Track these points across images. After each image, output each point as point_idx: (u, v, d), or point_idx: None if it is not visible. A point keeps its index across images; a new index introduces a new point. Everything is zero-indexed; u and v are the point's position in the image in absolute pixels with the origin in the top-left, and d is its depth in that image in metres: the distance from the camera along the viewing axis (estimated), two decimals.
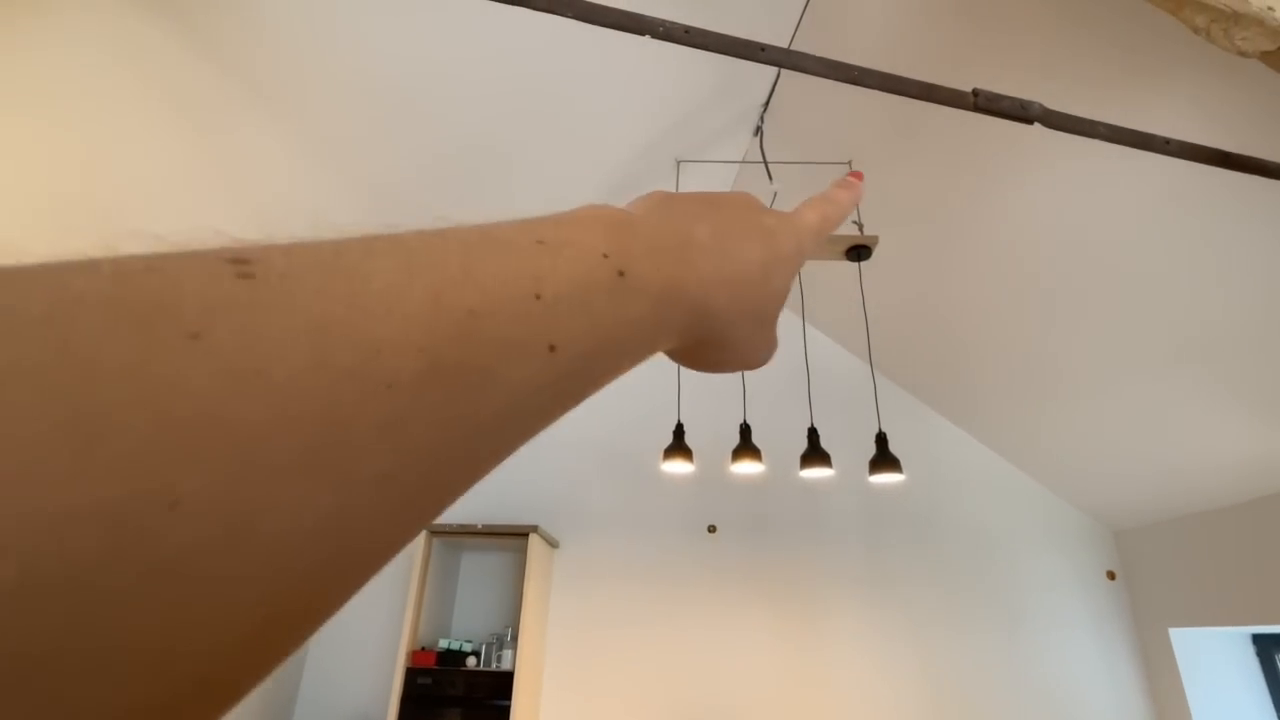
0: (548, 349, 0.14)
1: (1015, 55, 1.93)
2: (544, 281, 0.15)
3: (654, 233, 0.19)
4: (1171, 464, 2.85)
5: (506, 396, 0.14)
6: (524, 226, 0.16)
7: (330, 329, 0.11)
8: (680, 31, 0.96)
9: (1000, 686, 3.16)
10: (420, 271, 0.13)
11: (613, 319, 0.17)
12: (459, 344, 0.13)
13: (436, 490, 0.13)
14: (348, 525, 0.11)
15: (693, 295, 0.19)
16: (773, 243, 0.23)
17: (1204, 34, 1.33)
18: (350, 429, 0.11)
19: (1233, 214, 1.91)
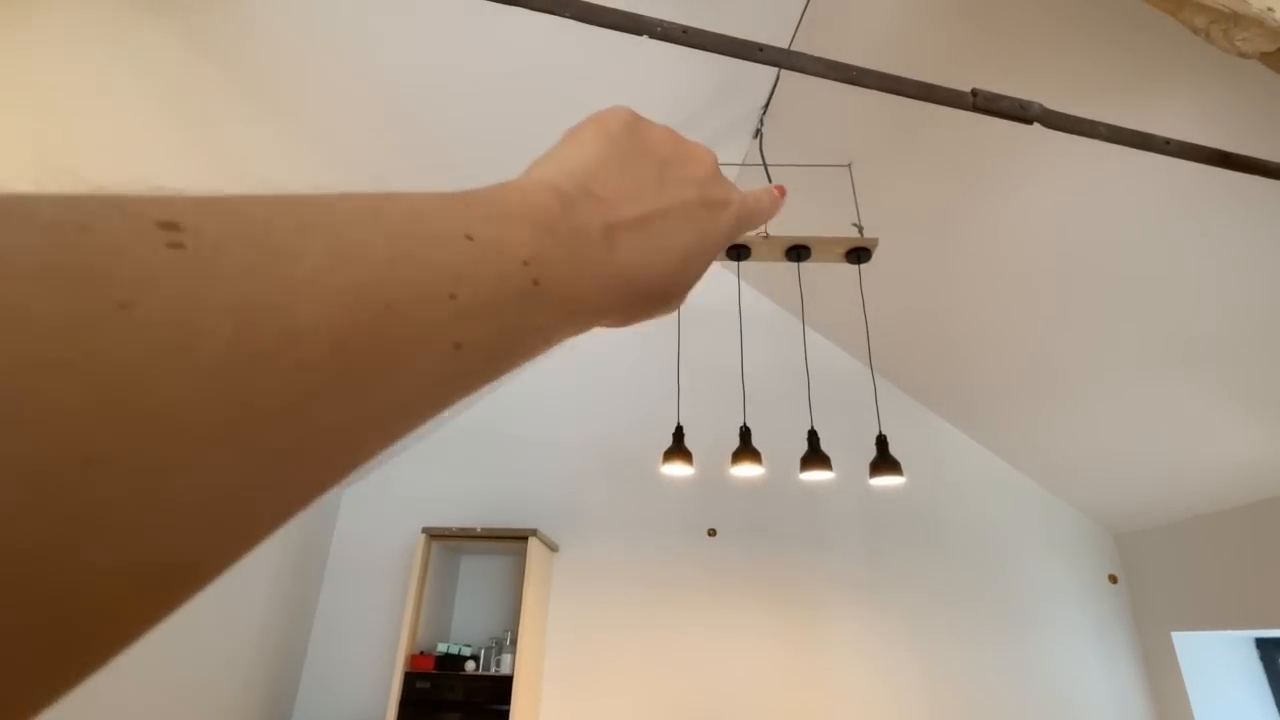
0: (453, 346, 0.15)
1: (1015, 57, 1.93)
2: (462, 282, 0.15)
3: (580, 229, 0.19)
4: (1173, 467, 2.84)
5: (408, 387, 0.14)
6: (458, 211, 0.16)
7: (255, 310, 0.11)
8: (678, 31, 0.95)
9: (1001, 691, 3.14)
10: (347, 258, 0.13)
11: (520, 324, 0.17)
12: (372, 335, 0.13)
13: (332, 465, 0.13)
14: (248, 492, 0.11)
15: (599, 301, 0.20)
16: (709, 226, 0.23)
17: (1203, 35, 1.33)
18: (262, 406, 0.11)
19: (1234, 215, 1.91)
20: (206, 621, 2.65)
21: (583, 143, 0.22)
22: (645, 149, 0.23)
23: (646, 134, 0.23)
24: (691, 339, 3.37)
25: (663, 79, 2.43)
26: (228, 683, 2.78)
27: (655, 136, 0.23)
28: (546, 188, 0.19)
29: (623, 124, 0.23)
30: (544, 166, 0.21)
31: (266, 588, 3.02)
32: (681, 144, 0.24)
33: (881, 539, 3.44)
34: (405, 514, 3.49)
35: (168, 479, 0.10)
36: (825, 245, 2.48)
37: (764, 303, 3.92)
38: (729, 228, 0.24)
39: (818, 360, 3.44)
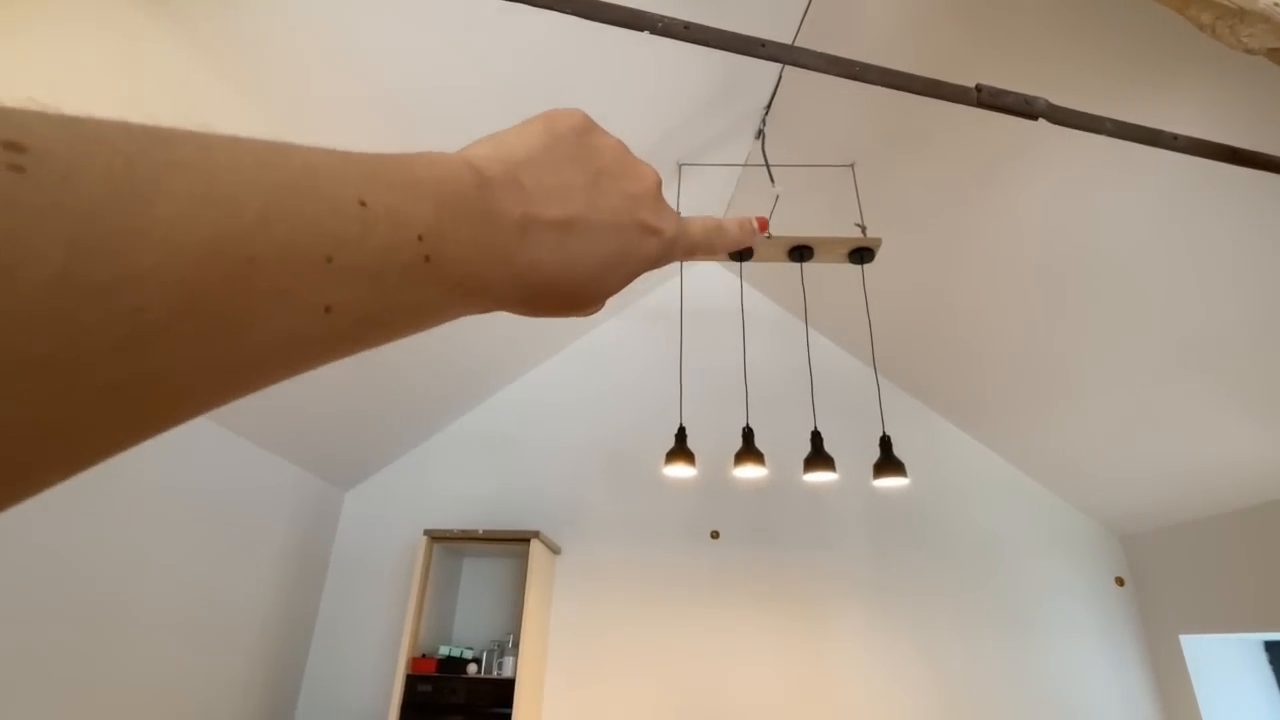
0: (323, 309, 0.14)
1: (1020, 54, 1.92)
2: (343, 248, 0.14)
3: (491, 212, 0.19)
4: (1180, 468, 2.81)
5: (264, 343, 0.14)
6: (359, 174, 0.16)
7: (93, 245, 0.11)
8: (680, 27, 0.95)
9: (1007, 694, 3.12)
10: (213, 207, 0.12)
11: (402, 296, 0.16)
12: (227, 287, 0.12)
13: (168, 408, 0.13)
14: (65, 426, 0.11)
15: (494, 288, 0.20)
16: (634, 245, 0.23)
17: (1210, 31, 1.32)
18: (88, 341, 0.11)
19: (1243, 214, 1.89)
20: (208, 622, 2.65)
21: (527, 133, 0.22)
22: (586, 155, 0.23)
23: (593, 141, 0.23)
24: (694, 340, 3.36)
25: (665, 79, 2.42)
26: (230, 685, 2.77)
27: (601, 145, 0.23)
28: (466, 166, 0.19)
29: (571, 125, 0.23)
30: (481, 146, 0.21)
31: (268, 590, 3.01)
32: (627, 159, 0.24)
33: (886, 541, 3.42)
34: (407, 516, 3.48)
35: None
36: (828, 245, 2.47)
37: (767, 303, 3.91)
38: (655, 252, 0.24)
39: (821, 361, 3.42)
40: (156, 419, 0.13)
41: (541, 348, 3.79)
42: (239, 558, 2.84)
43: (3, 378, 0.10)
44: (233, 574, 2.80)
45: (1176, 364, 2.42)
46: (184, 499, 2.54)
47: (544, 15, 1.06)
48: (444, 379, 3.40)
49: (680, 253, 0.26)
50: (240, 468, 2.84)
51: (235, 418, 2.72)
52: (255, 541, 2.94)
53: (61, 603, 2.04)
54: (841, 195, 2.77)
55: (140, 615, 2.32)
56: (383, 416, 3.31)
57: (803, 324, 3.54)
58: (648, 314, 3.91)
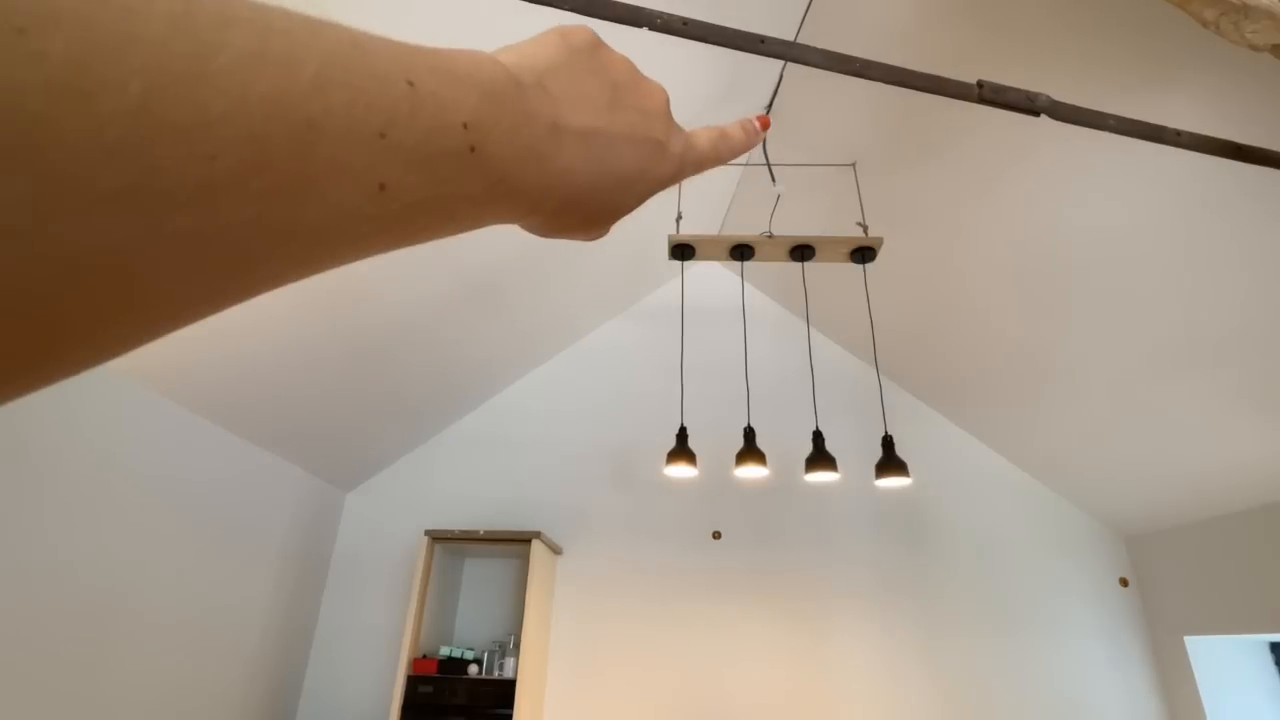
0: (378, 186, 0.14)
1: (1022, 52, 1.91)
2: (394, 125, 0.15)
3: (527, 113, 0.19)
4: (1185, 468, 2.80)
5: (325, 213, 0.14)
6: (403, 57, 0.16)
7: (167, 81, 0.11)
8: (678, 23, 0.94)
9: (1011, 696, 3.10)
10: (272, 64, 0.12)
11: (449, 186, 0.16)
12: (290, 147, 0.12)
13: (235, 272, 0.13)
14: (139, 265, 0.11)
15: (532, 190, 0.19)
16: (650, 161, 0.24)
17: (1213, 27, 1.31)
18: (166, 180, 0.11)
19: (1247, 211, 1.88)
20: (208, 623, 2.65)
21: (545, 44, 0.22)
22: (603, 69, 0.23)
23: (606, 56, 0.23)
24: (695, 340, 3.36)
25: (665, 77, 2.40)
26: (230, 685, 2.77)
27: (614, 61, 0.24)
28: (501, 65, 0.19)
29: (585, 40, 0.23)
30: (505, 54, 0.21)
31: (269, 590, 3.01)
32: (638, 76, 0.24)
33: (888, 542, 3.40)
34: (408, 516, 3.48)
35: (54, 223, 0.10)
36: (830, 245, 2.47)
37: (768, 303, 3.90)
38: (669, 169, 0.25)
39: (822, 361, 3.42)
40: (222, 283, 0.13)
41: (543, 348, 3.78)
42: (240, 558, 2.84)
43: (86, 208, 0.10)
44: (233, 574, 2.80)
45: (1182, 364, 2.41)
46: (184, 499, 2.54)
47: (542, 12, 1.05)
48: (445, 379, 3.40)
49: (691, 168, 0.26)
50: (241, 468, 2.84)
51: (236, 418, 2.72)
52: (256, 542, 2.94)
53: (60, 604, 2.04)
54: (843, 195, 2.76)
55: (140, 616, 2.32)
56: (384, 417, 3.31)
57: (804, 323, 3.54)
58: (648, 314, 3.90)
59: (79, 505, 2.11)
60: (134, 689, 2.29)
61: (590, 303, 3.70)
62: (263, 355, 2.48)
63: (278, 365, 2.57)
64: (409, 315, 2.79)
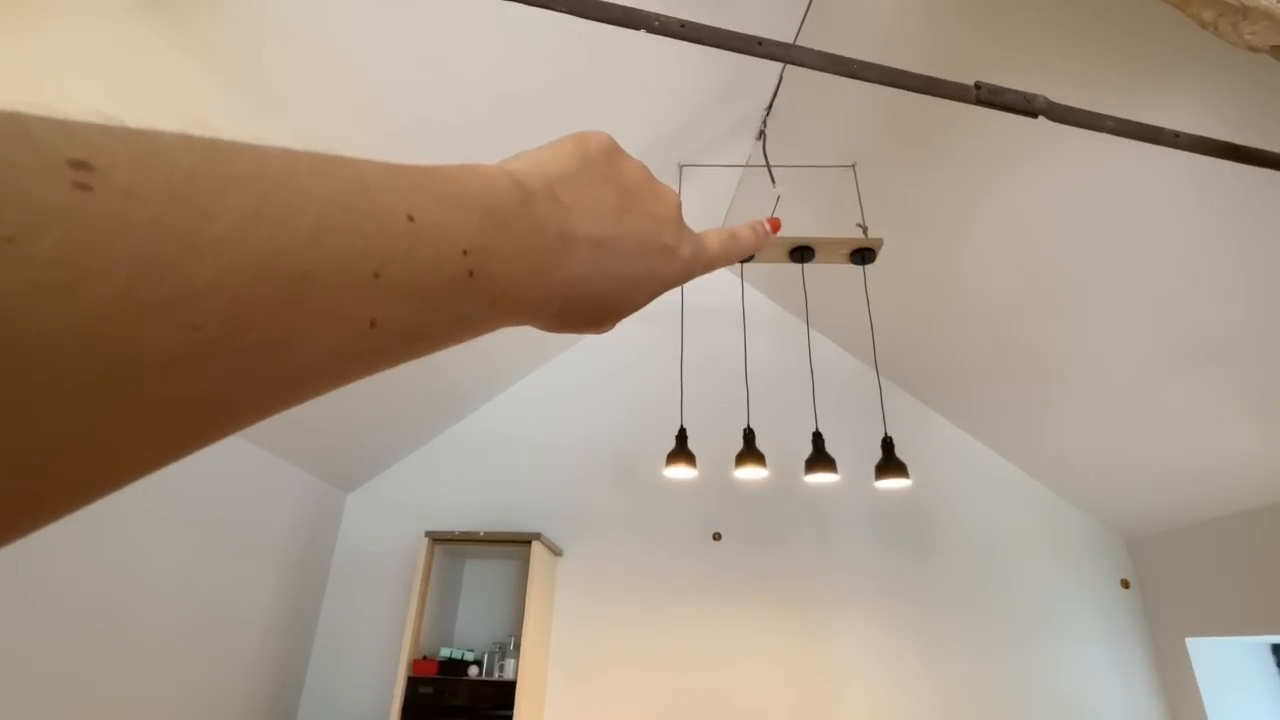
0: (368, 324, 0.14)
1: (1020, 54, 1.91)
2: (391, 265, 0.14)
3: (535, 226, 0.19)
4: (1187, 469, 2.79)
5: (312, 357, 0.14)
6: (407, 190, 0.16)
7: (153, 263, 0.11)
8: (676, 25, 0.94)
9: (1012, 698, 3.10)
10: (268, 222, 0.12)
11: (445, 311, 0.17)
12: (280, 303, 0.12)
13: (212, 425, 0.13)
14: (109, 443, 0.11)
15: (535, 302, 0.20)
16: (659, 265, 0.24)
17: (1212, 28, 1.31)
18: (144, 358, 0.11)
19: (1248, 211, 1.88)
20: (209, 624, 2.65)
21: (560, 151, 0.22)
22: (617, 175, 0.23)
23: (621, 163, 0.24)
24: (695, 341, 3.36)
25: (665, 80, 2.42)
26: (231, 687, 2.77)
27: (628, 167, 0.24)
28: (510, 179, 0.19)
29: (600, 147, 0.23)
30: (519, 160, 0.21)
31: (270, 591, 3.02)
32: (651, 182, 0.25)
33: (889, 543, 3.40)
34: (408, 517, 3.48)
35: (22, 416, 0.10)
36: (829, 246, 2.47)
37: (767, 304, 3.90)
38: (678, 272, 0.25)
39: (822, 362, 3.42)
40: (198, 437, 0.13)
41: (543, 350, 3.78)
42: (240, 560, 2.84)
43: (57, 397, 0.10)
44: (234, 576, 2.80)
45: (1182, 365, 2.41)
46: (184, 501, 2.54)
47: (543, 15, 1.06)
48: (446, 381, 3.40)
49: (700, 269, 0.27)
50: (241, 470, 2.85)
51: None
52: (257, 543, 2.94)
53: (60, 607, 2.04)
54: (843, 196, 2.76)
55: (141, 617, 2.33)
56: (384, 419, 3.31)
57: (804, 324, 3.54)
58: (648, 315, 3.90)
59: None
60: (134, 690, 2.29)
61: None
62: None
63: None
64: None
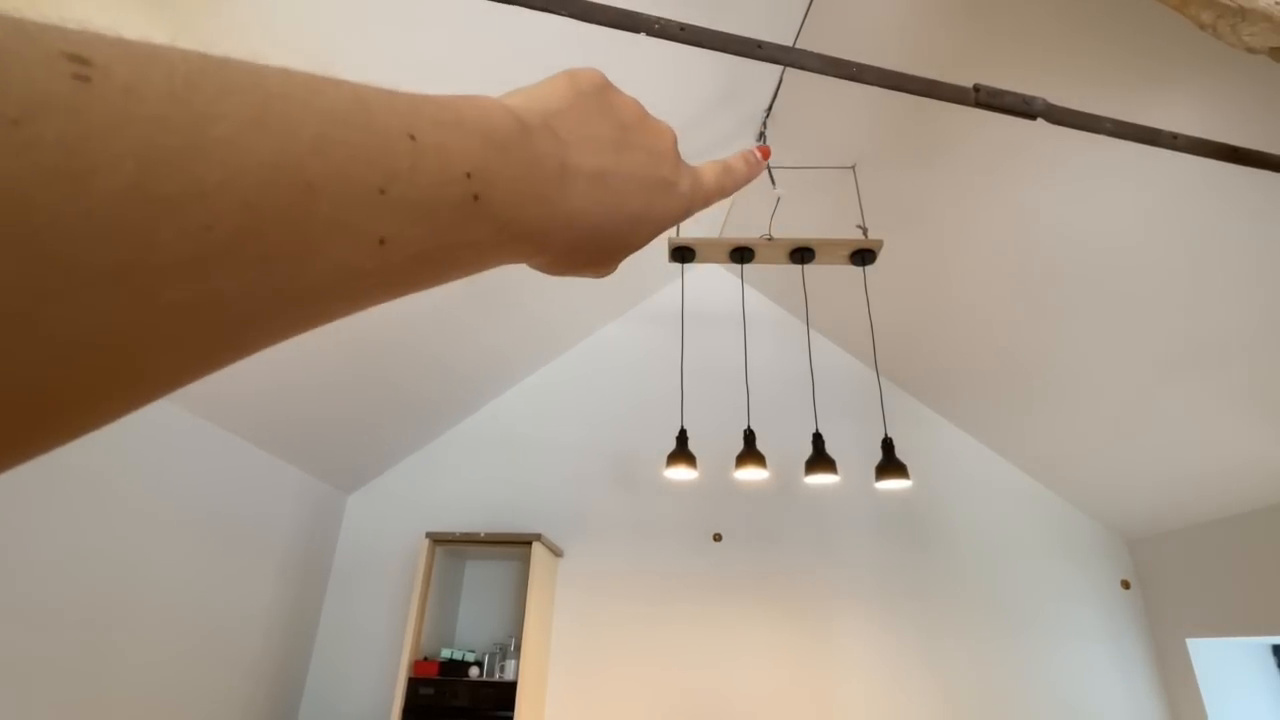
0: (378, 241, 0.14)
1: (1019, 56, 1.92)
2: (395, 180, 0.15)
3: (535, 157, 0.19)
4: (1187, 470, 2.80)
5: (323, 272, 0.14)
6: (406, 110, 0.16)
7: (161, 157, 0.11)
8: (675, 29, 0.95)
9: (1012, 698, 3.10)
10: (269, 129, 0.12)
11: (452, 235, 0.17)
12: (287, 211, 0.12)
13: (231, 336, 0.13)
14: (133, 340, 0.11)
15: (540, 233, 0.20)
16: (659, 199, 0.24)
17: (1211, 30, 1.31)
18: (159, 254, 0.11)
19: (1249, 212, 1.88)
20: (210, 625, 2.66)
21: (555, 87, 0.22)
22: (611, 110, 0.23)
23: (615, 98, 0.24)
24: (695, 342, 3.36)
25: (665, 83, 2.42)
26: (232, 687, 2.77)
27: (622, 102, 0.24)
28: (508, 111, 0.19)
29: (593, 82, 0.23)
30: (514, 97, 0.21)
31: (271, 592, 3.02)
32: (646, 117, 0.25)
33: (889, 544, 3.40)
34: (409, 519, 3.48)
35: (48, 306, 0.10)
36: (829, 247, 2.47)
37: (768, 305, 3.91)
38: (678, 207, 0.25)
39: (822, 363, 3.42)
40: (218, 348, 0.13)
41: (543, 350, 3.79)
42: (241, 561, 2.84)
43: (76, 286, 0.10)
44: (235, 577, 2.80)
45: (1182, 365, 2.41)
46: (186, 501, 2.54)
47: (542, 18, 1.06)
48: (446, 382, 3.40)
49: (699, 203, 0.27)
50: (242, 471, 2.85)
51: (237, 420, 2.73)
52: (257, 544, 2.94)
53: (61, 606, 2.05)
54: (843, 197, 2.77)
55: (141, 618, 2.33)
56: (385, 419, 3.31)
57: (804, 326, 3.54)
58: (649, 316, 3.91)
59: (80, 507, 2.12)
60: (135, 691, 2.29)
61: (591, 306, 3.71)
62: (264, 357, 2.48)
63: (279, 367, 2.58)
64: (411, 317, 2.80)
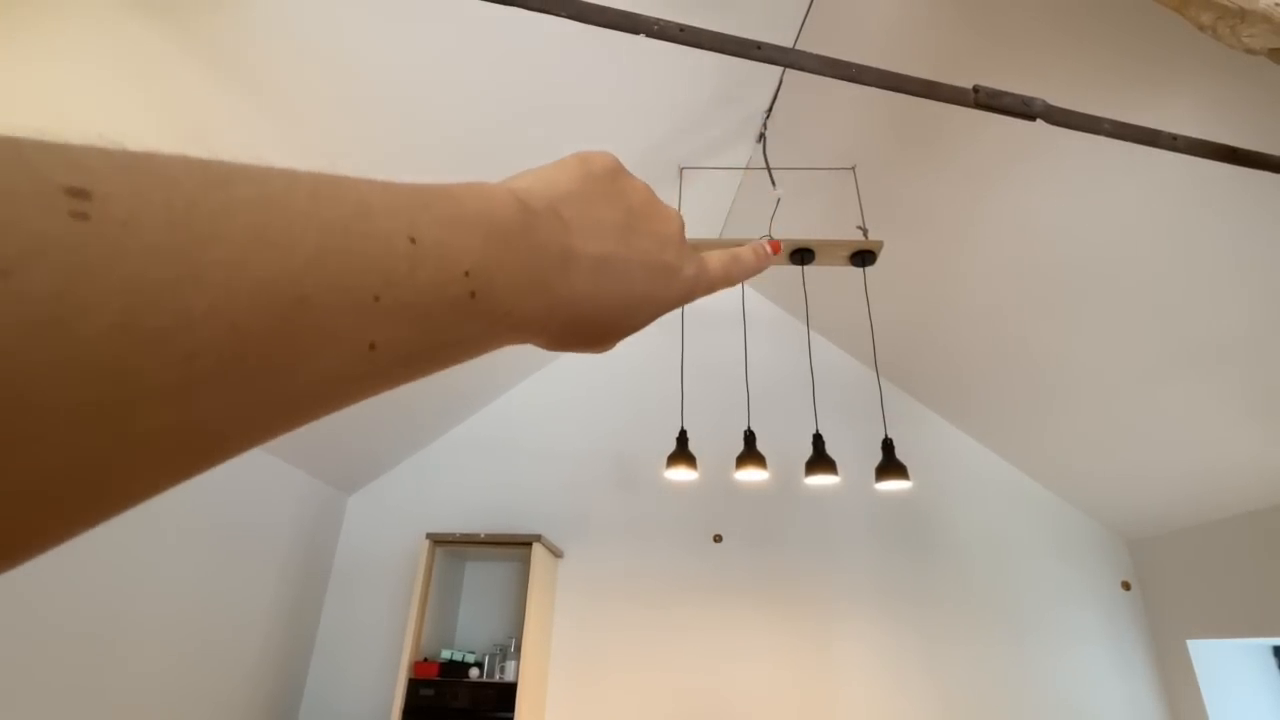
0: (368, 347, 0.14)
1: (1019, 58, 1.92)
2: (392, 287, 0.14)
3: (538, 244, 0.19)
4: (1188, 471, 2.79)
5: (309, 383, 0.13)
6: (408, 210, 0.15)
7: (150, 292, 0.10)
8: (675, 30, 0.95)
9: (1013, 700, 3.09)
10: (269, 245, 0.12)
11: (447, 333, 0.16)
12: (278, 328, 0.12)
13: (209, 451, 0.13)
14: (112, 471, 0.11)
15: (538, 321, 0.19)
16: (662, 285, 0.24)
17: (1210, 32, 1.31)
18: (140, 388, 0.11)
19: (1247, 213, 1.88)
20: (210, 626, 2.65)
21: (564, 170, 0.22)
22: (620, 194, 0.23)
23: (625, 182, 0.24)
24: (695, 343, 3.36)
25: (665, 83, 2.43)
26: (232, 688, 2.77)
27: (632, 187, 0.24)
28: (513, 198, 0.19)
29: (605, 166, 0.23)
30: (522, 179, 0.21)
31: (271, 593, 3.02)
32: (655, 202, 0.25)
33: (890, 545, 3.40)
34: (409, 520, 3.48)
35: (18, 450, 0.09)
36: (830, 248, 2.47)
37: (768, 306, 3.91)
38: (680, 292, 0.25)
39: (822, 364, 3.42)
40: (196, 463, 0.13)
41: (543, 352, 3.78)
42: (242, 562, 2.84)
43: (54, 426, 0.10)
44: (235, 578, 2.80)
45: (1182, 366, 2.41)
46: (185, 503, 2.54)
47: (544, 19, 1.07)
48: (447, 383, 3.40)
49: (702, 290, 0.27)
50: (243, 472, 2.85)
51: None
52: (258, 545, 2.95)
53: (62, 610, 2.05)
54: (843, 198, 2.77)
55: (142, 619, 2.33)
56: (386, 420, 3.31)
57: (804, 326, 3.54)
58: None
59: None
60: (135, 692, 2.29)
61: None
62: None
63: None
64: None
